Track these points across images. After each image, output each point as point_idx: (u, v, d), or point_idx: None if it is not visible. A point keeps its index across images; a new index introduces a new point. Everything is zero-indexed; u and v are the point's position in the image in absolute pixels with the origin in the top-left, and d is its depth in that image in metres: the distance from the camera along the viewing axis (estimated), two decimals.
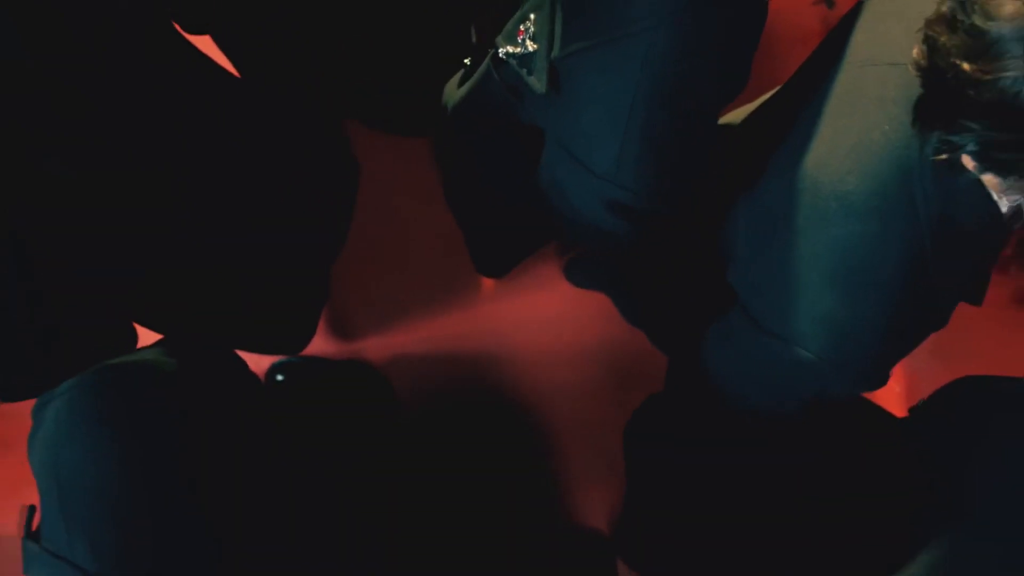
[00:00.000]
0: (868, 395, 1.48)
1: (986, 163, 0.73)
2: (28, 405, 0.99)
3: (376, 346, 1.77)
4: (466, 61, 1.18)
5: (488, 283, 1.76)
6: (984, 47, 0.68)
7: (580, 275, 1.67)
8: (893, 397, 1.72)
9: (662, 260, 1.17)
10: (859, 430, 1.06)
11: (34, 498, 0.94)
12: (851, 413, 1.02)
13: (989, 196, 0.77)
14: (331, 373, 1.71)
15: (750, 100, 1.26)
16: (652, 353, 1.58)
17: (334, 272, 1.67)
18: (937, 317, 0.89)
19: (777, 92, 1.09)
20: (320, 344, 1.72)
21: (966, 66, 0.69)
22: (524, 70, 0.94)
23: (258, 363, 1.67)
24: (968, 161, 0.74)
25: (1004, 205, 0.78)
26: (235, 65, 1.36)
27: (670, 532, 1.35)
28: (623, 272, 1.47)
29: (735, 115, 1.22)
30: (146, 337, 1.15)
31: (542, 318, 1.77)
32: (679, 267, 1.15)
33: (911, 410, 1.09)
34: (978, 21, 0.68)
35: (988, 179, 0.76)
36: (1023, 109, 0.67)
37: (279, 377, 1.63)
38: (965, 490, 0.89)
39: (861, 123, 0.83)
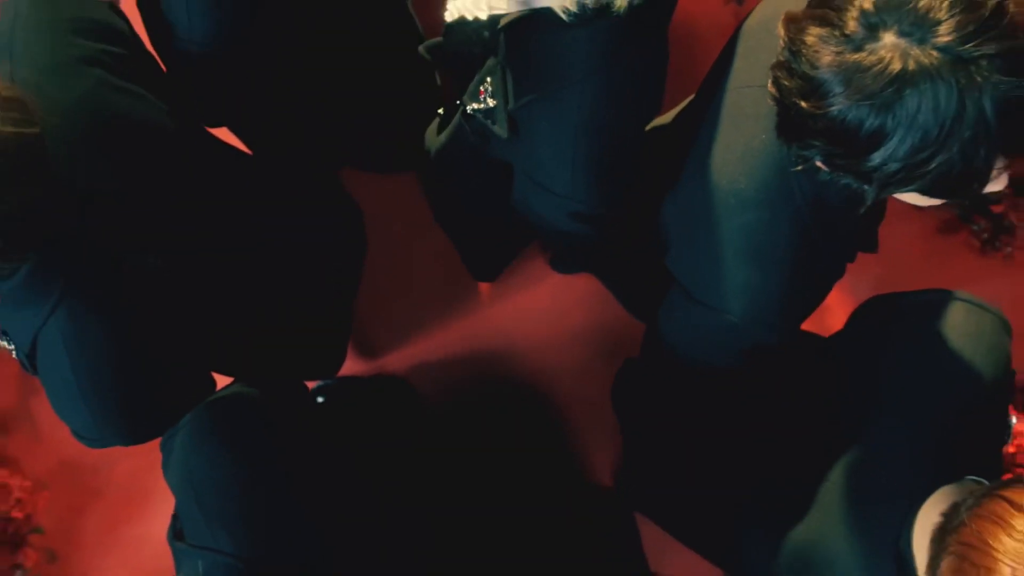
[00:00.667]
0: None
1: (830, 168, 0.98)
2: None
3: (397, 358, 2.02)
4: (440, 111, 1.44)
5: (484, 287, 2.02)
6: (814, 89, 0.91)
7: (563, 264, 1.92)
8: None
9: (618, 248, 1.44)
10: (796, 358, 1.32)
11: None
12: (790, 347, 1.28)
13: (848, 183, 1.02)
14: (363, 388, 1.97)
15: (681, 97, 1.51)
16: (632, 323, 1.84)
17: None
18: (833, 272, 1.17)
19: (688, 104, 1.35)
20: (350, 365, 1.98)
21: (803, 103, 0.92)
22: (488, 121, 1.20)
23: None
24: (820, 165, 0.99)
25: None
26: (245, 143, 1.62)
27: (655, 471, 1.63)
28: (594, 258, 1.74)
29: (666, 117, 1.49)
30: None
31: (536, 309, 2.03)
32: (632, 254, 1.41)
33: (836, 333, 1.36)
34: (806, 69, 0.92)
35: None
36: (848, 132, 0.91)
37: (320, 399, 1.89)
38: (875, 388, 1.16)
39: (745, 135, 1.09)
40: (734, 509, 1.34)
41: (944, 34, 0.85)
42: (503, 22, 1.14)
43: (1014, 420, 1.24)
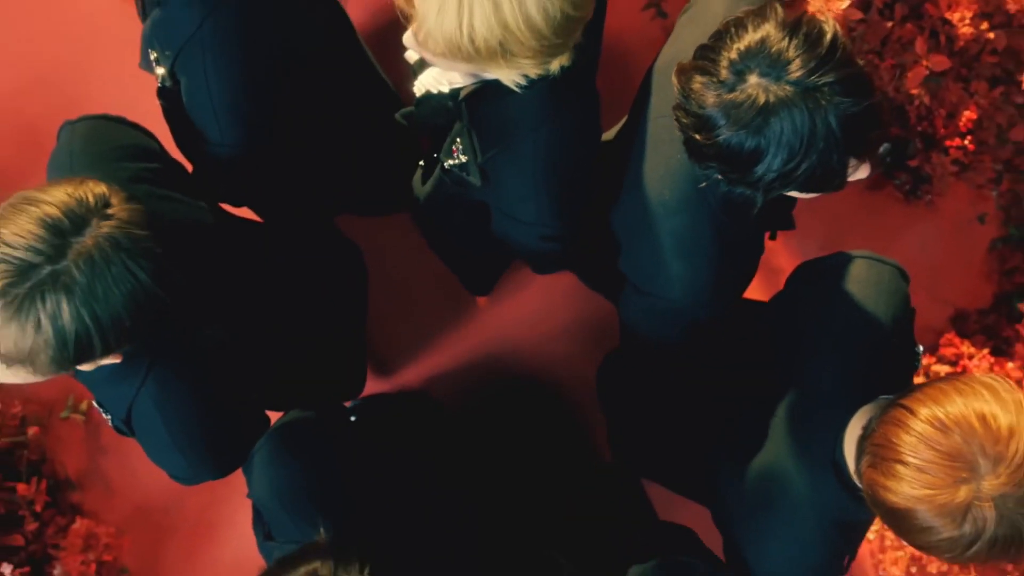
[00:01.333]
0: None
1: (727, 181, 1.25)
2: None
3: (413, 373, 2.30)
4: (420, 163, 1.72)
5: (481, 300, 2.30)
6: (703, 124, 1.18)
7: (541, 269, 2.20)
8: None
9: (583, 252, 1.72)
10: (743, 322, 1.61)
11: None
12: (733, 316, 1.56)
13: (743, 191, 1.29)
14: (386, 403, 2.25)
15: (623, 104, 1.77)
16: (610, 309, 2.11)
17: (367, 329, 2.21)
18: (751, 254, 1.45)
19: (623, 125, 1.63)
20: (372, 386, 2.26)
21: (697, 136, 1.20)
22: (464, 173, 1.47)
23: None
24: (720, 178, 1.26)
25: None
26: (259, 214, 1.89)
27: (641, 438, 1.93)
28: (569, 262, 2.02)
29: (609, 133, 1.76)
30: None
31: (528, 310, 2.31)
32: (595, 254, 1.69)
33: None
34: (696, 109, 1.19)
35: None
36: (733, 154, 1.17)
37: (353, 418, 2.17)
38: (802, 337, 1.44)
39: (665, 156, 1.37)
40: (706, 454, 1.62)
41: (794, 71, 1.13)
42: (462, 94, 1.41)
43: (920, 348, 1.52)
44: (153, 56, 1.49)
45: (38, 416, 2.20)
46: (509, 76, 1.30)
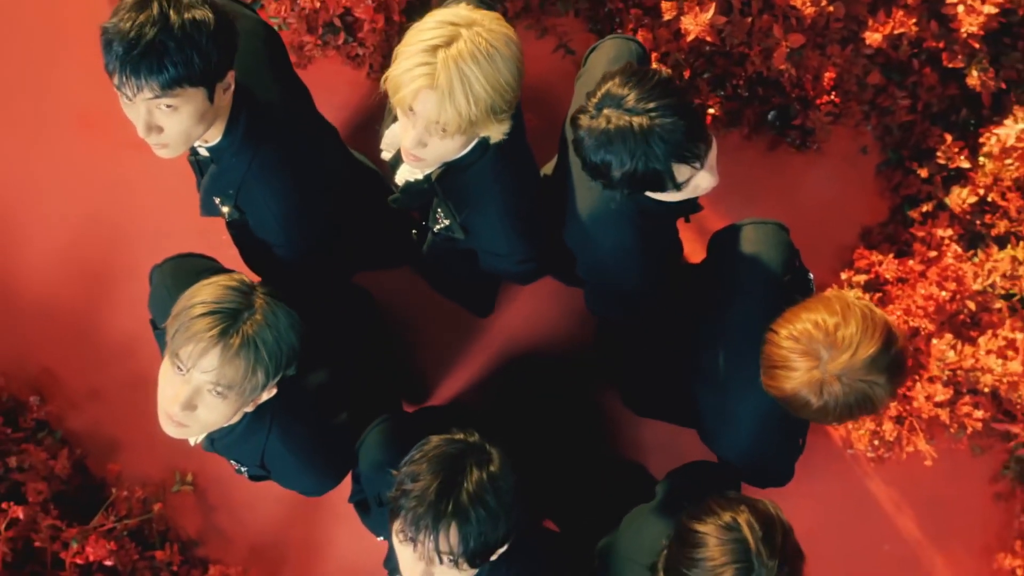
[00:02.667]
0: None
1: (604, 186, 1.75)
2: None
3: (446, 388, 2.81)
4: (414, 232, 2.22)
5: (486, 320, 2.80)
6: (578, 146, 1.69)
7: (525, 282, 2.70)
8: None
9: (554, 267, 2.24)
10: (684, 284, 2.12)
11: None
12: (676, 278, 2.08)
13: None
14: (428, 412, 2.73)
15: (552, 140, 2.25)
16: None
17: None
18: (669, 238, 1.97)
19: (556, 162, 2.12)
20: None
21: (584, 164, 1.72)
22: (450, 232, 1.98)
23: None
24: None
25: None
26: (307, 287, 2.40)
27: (635, 384, 2.45)
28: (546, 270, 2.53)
29: (547, 168, 2.26)
30: None
31: (525, 314, 2.81)
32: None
33: None
34: (583, 151, 1.69)
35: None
36: (598, 167, 1.67)
37: None
38: (721, 287, 1.94)
39: (586, 186, 1.87)
40: (683, 387, 2.12)
41: (629, 102, 1.64)
42: (433, 176, 1.91)
43: (811, 275, 2.02)
44: (217, 200, 1.96)
45: (156, 495, 2.69)
46: (498, 131, 1.79)
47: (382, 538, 2.05)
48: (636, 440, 2.73)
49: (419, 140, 1.74)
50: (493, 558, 1.63)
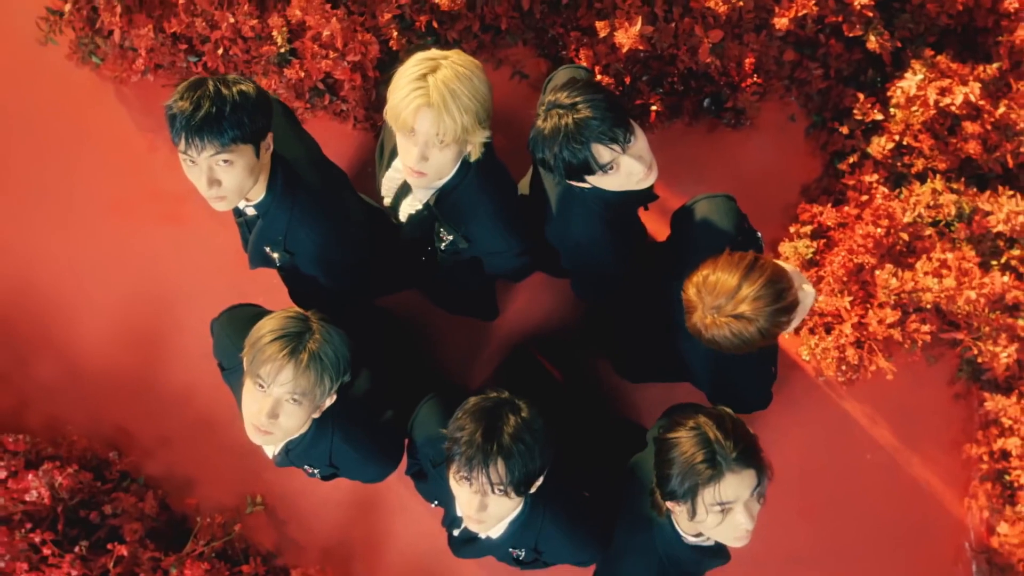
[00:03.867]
0: None
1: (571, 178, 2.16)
2: None
3: (468, 379, 3.19)
4: (423, 257, 2.62)
5: (494, 321, 3.19)
6: (531, 145, 2.11)
7: (517, 279, 3.11)
8: None
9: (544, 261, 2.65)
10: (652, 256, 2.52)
11: None
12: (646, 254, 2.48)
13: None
14: None
15: (522, 158, 2.65)
16: None
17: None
18: (633, 223, 2.37)
19: (531, 175, 2.51)
20: None
21: (538, 160, 2.13)
22: (455, 246, 2.37)
23: None
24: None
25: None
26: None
27: (626, 352, 2.85)
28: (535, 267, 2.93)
29: (523, 183, 2.66)
30: None
31: (524, 308, 3.20)
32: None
33: None
34: (530, 137, 2.10)
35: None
36: (544, 160, 2.09)
37: None
38: (682, 253, 2.34)
39: (555, 193, 2.27)
40: (670, 343, 2.50)
41: (561, 100, 2.05)
42: (431, 202, 2.31)
43: (760, 234, 2.42)
44: (268, 249, 2.34)
45: (233, 518, 3.07)
46: (483, 137, 2.17)
47: (436, 503, 2.44)
48: (634, 403, 3.13)
49: (422, 155, 2.12)
50: (532, 490, 2.03)
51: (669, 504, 2.05)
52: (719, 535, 2.00)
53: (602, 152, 2.09)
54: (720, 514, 1.94)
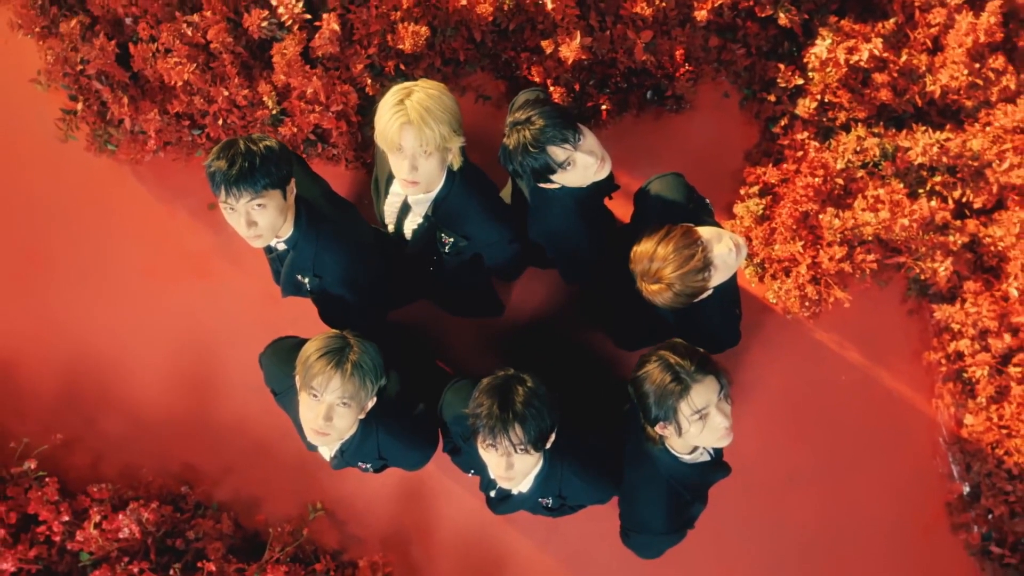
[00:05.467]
0: None
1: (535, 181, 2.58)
2: None
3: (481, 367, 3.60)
4: (431, 268, 3.03)
5: (502, 318, 3.60)
6: (506, 161, 2.54)
7: (509, 278, 3.53)
8: None
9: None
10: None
11: None
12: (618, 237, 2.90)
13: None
14: None
15: (498, 173, 3.06)
16: None
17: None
18: (602, 211, 2.80)
19: (511, 188, 2.94)
20: None
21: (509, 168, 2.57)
22: (456, 247, 2.76)
23: None
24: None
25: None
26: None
27: (616, 323, 3.27)
28: (526, 264, 3.35)
29: (505, 192, 3.08)
30: None
31: (522, 300, 3.61)
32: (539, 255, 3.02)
33: None
34: (507, 159, 2.53)
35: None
36: (516, 172, 2.52)
37: None
38: (641, 224, 2.76)
39: (532, 196, 2.69)
40: (646, 311, 2.92)
41: (519, 116, 2.46)
42: (429, 213, 2.73)
43: (708, 201, 2.84)
44: (299, 276, 2.73)
45: (299, 525, 3.48)
46: (458, 143, 2.56)
47: (472, 472, 2.85)
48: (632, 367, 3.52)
49: (411, 166, 2.52)
50: (548, 445, 2.44)
51: (659, 430, 2.45)
52: (706, 440, 2.40)
53: (557, 152, 2.49)
54: (700, 421, 2.34)
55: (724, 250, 2.45)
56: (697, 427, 2.36)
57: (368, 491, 3.51)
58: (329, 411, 2.44)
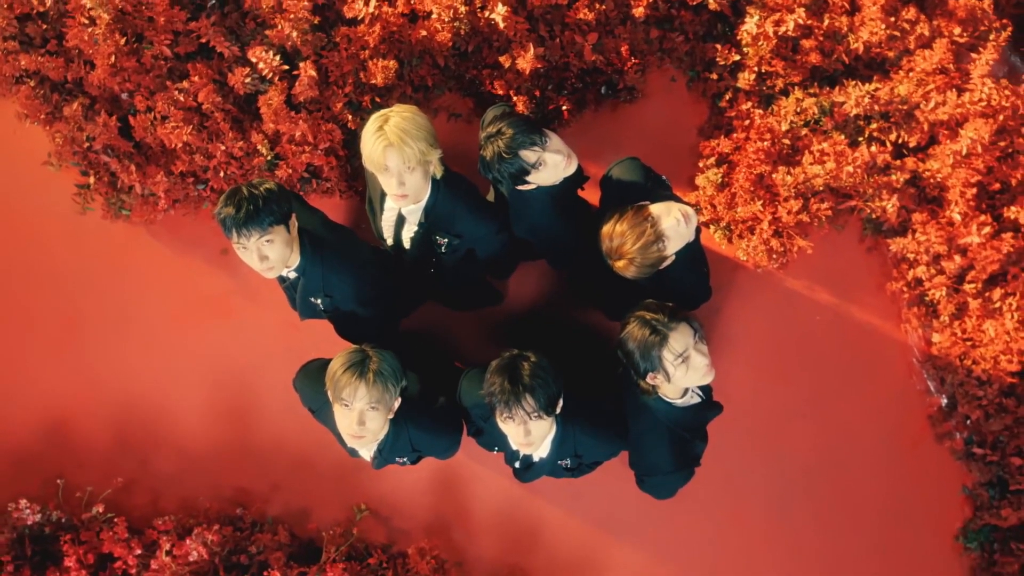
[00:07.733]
0: None
1: (513, 182, 2.91)
2: None
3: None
4: (432, 270, 3.36)
5: (503, 307, 3.93)
6: (484, 170, 2.88)
7: (501, 275, 3.87)
8: None
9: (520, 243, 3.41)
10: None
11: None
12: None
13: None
14: None
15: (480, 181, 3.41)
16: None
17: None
18: (577, 200, 3.14)
19: (494, 197, 3.28)
20: None
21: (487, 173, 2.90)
22: (451, 246, 3.09)
23: None
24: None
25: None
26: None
27: (604, 299, 3.61)
28: (517, 260, 3.69)
29: (489, 196, 3.42)
30: None
31: (520, 290, 3.94)
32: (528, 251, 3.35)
33: None
34: (486, 168, 2.87)
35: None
36: (510, 172, 2.84)
37: None
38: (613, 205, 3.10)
39: (511, 198, 3.03)
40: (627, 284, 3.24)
41: (491, 131, 2.81)
42: (422, 220, 3.06)
43: (665, 177, 3.18)
44: (312, 299, 3.05)
45: (348, 527, 3.81)
46: (436, 155, 2.89)
47: (496, 449, 3.18)
48: None
49: (399, 181, 2.84)
50: (558, 410, 2.78)
51: (650, 380, 2.78)
52: (692, 379, 2.73)
53: (528, 155, 2.83)
54: (684, 364, 2.68)
55: (672, 221, 2.77)
56: (682, 370, 2.69)
57: (405, 487, 3.84)
58: (361, 416, 2.75)
